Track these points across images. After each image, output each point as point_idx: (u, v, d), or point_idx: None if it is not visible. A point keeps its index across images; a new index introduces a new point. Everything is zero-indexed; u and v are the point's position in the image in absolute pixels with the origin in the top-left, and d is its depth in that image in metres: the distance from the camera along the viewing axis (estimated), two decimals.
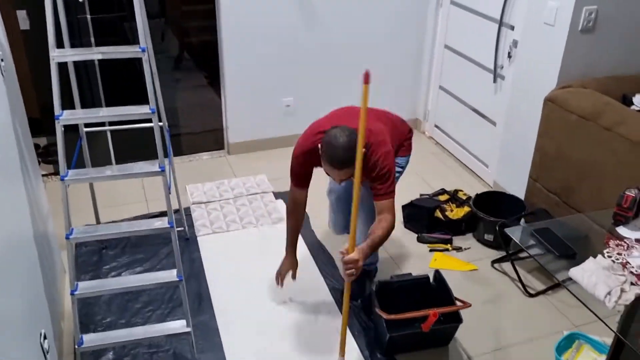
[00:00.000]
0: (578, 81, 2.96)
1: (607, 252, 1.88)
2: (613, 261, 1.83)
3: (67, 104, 2.57)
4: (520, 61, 3.31)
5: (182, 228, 3.20)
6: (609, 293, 1.69)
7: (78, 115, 2.15)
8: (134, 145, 3.78)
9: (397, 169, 2.55)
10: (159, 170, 2.16)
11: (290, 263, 2.70)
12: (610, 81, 2.98)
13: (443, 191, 3.51)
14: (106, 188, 3.49)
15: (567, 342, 2.51)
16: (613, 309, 1.68)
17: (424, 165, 3.98)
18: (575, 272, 1.79)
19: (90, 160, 2.86)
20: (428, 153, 4.28)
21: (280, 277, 2.71)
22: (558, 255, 1.90)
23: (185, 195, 3.57)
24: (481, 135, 3.85)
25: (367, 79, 2.11)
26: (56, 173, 3.56)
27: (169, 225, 2.21)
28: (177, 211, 3.23)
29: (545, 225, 2.07)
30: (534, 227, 2.06)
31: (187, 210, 3.43)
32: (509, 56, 3.42)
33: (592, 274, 1.76)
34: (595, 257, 1.84)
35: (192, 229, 3.29)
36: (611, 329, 1.72)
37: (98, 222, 3.09)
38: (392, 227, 2.34)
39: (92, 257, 3.04)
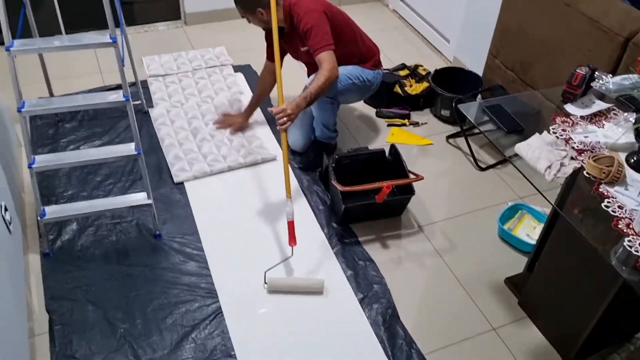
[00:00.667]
0: None
1: (553, 129, 1.96)
2: (557, 137, 1.92)
3: None
4: None
5: (140, 101, 3.15)
6: (549, 167, 1.79)
7: None
8: (84, 14, 3.60)
9: (362, 80, 2.77)
10: (110, 41, 2.08)
11: (237, 118, 3.03)
12: None
13: (403, 66, 3.51)
14: (58, 59, 3.37)
15: (510, 212, 2.68)
16: (551, 181, 1.78)
17: (385, 40, 3.92)
18: (520, 147, 1.87)
19: (38, 29, 2.72)
20: (390, 27, 4.20)
21: (220, 123, 3.05)
22: (507, 131, 1.97)
23: (142, 68, 3.47)
24: (444, 9, 3.78)
25: None
26: (1, 43, 3.39)
27: (124, 99, 2.18)
28: (133, 84, 3.16)
29: (497, 102, 2.12)
30: (486, 104, 2.11)
31: (144, 83, 3.36)
32: None
33: (535, 149, 1.84)
34: (541, 133, 1.92)
35: (150, 102, 3.24)
36: (548, 201, 1.84)
37: (51, 94, 3.01)
38: (329, 77, 2.47)
39: (49, 130, 3.00)
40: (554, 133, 1.94)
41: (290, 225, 2.33)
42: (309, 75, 2.98)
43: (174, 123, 3.09)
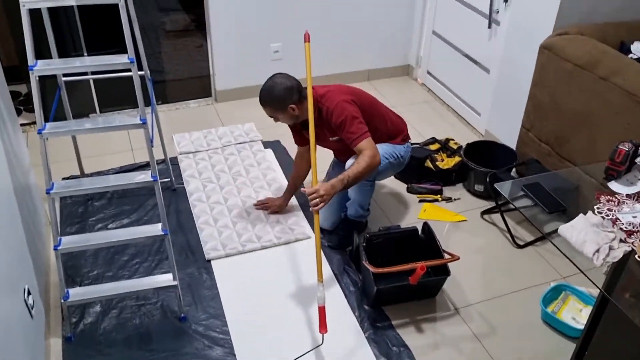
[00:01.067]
0: (575, 27, 2.86)
1: (598, 209, 1.85)
2: (603, 217, 1.80)
3: (46, 51, 2.47)
4: (516, 5, 3.19)
5: (168, 179, 3.14)
6: (597, 250, 1.67)
7: (53, 66, 2.05)
8: (119, 93, 3.69)
9: (396, 157, 2.72)
10: (140, 122, 2.09)
11: (278, 202, 2.99)
12: (608, 27, 2.89)
13: (434, 140, 3.46)
14: (91, 137, 3.42)
15: (553, 294, 2.53)
16: (601, 266, 1.66)
17: (415, 114, 3.91)
18: (564, 230, 1.76)
19: (74, 109, 2.77)
20: (419, 101, 4.19)
21: (261, 204, 3.01)
22: (548, 211, 1.87)
23: (172, 145, 3.50)
24: (474, 83, 3.77)
25: (307, 38, 2.48)
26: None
27: (152, 179, 2.15)
28: (162, 161, 3.17)
29: (536, 180, 2.03)
30: (524, 183, 2.02)
31: (174, 160, 3.36)
32: (505, 0, 3.29)
33: (580, 231, 1.73)
34: (585, 213, 1.81)
35: (180, 179, 3.23)
36: (596, 285, 1.71)
37: (82, 173, 3.03)
38: (370, 164, 2.43)
39: (78, 208, 3.00)
40: (600, 213, 1.83)
41: (321, 311, 2.22)
42: (337, 158, 2.94)
43: (209, 199, 3.08)
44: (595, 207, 1.85)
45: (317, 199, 2.32)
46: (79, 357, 2.22)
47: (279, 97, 2.52)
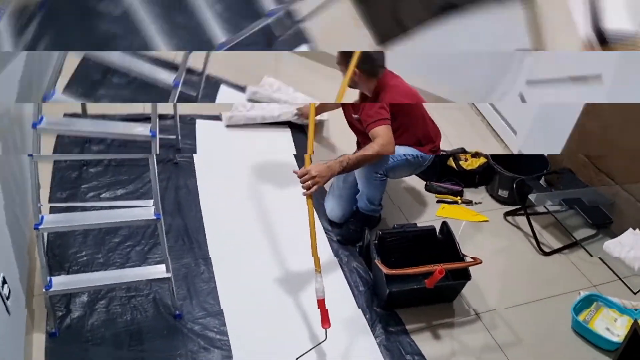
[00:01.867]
0: None
1: None
2: None
3: None
4: None
5: (175, 136, 2.88)
6: None
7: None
8: None
9: (414, 156, 2.48)
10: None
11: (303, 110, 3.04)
12: None
13: (463, 151, 3.14)
14: None
15: (584, 304, 2.31)
16: None
17: (445, 119, 3.48)
18: (610, 246, 1.54)
19: None
20: (454, 106, 3.83)
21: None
22: (592, 223, 1.64)
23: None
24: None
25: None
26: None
27: (150, 134, 1.88)
28: (172, 117, 2.94)
29: (576, 196, 1.80)
30: (563, 197, 1.78)
31: (186, 118, 3.10)
32: None
33: (631, 248, 1.51)
34: (635, 228, 1.59)
35: (186, 145, 2.98)
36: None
37: (84, 112, 2.72)
38: (379, 152, 2.22)
39: (72, 173, 2.74)
40: None
41: (321, 304, 2.02)
42: (359, 147, 2.71)
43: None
44: None
45: (309, 181, 2.11)
46: (63, 358, 2.00)
47: (351, 52, 2.23)
